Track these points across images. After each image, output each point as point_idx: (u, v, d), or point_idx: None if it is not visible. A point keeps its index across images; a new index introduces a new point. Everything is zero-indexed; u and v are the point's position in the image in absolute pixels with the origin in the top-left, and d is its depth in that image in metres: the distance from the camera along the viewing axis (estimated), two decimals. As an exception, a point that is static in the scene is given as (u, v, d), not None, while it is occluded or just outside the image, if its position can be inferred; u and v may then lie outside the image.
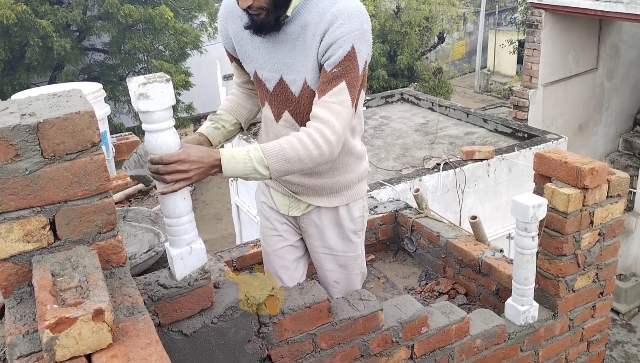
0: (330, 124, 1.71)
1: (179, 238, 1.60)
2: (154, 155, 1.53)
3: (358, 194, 2.10)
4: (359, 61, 1.72)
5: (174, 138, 1.53)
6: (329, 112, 1.71)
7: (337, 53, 1.70)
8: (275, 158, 1.66)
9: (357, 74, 1.74)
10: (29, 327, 1.19)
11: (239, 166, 1.63)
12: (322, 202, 2.05)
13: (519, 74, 17.56)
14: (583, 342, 2.61)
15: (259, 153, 1.65)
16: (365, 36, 1.72)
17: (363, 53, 1.73)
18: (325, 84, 1.72)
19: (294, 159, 1.68)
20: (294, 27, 1.77)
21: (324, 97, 1.72)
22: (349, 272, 2.21)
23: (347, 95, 1.73)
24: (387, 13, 13.43)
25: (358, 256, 2.21)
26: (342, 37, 1.69)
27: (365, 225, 2.20)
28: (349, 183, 2.05)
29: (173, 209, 1.58)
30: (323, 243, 2.14)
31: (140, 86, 1.42)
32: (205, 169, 1.60)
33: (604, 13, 7.21)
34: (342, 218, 2.09)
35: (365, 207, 2.17)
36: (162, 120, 1.48)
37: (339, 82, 1.71)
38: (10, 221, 1.23)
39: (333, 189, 2.04)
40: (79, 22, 10.11)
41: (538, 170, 2.36)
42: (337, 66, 1.70)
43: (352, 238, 2.14)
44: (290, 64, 1.82)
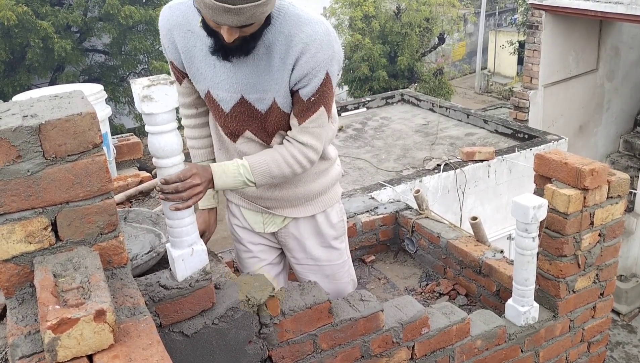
0: (314, 147, 1.80)
1: (181, 240, 1.61)
2: (169, 176, 1.56)
3: (334, 199, 2.07)
4: (333, 83, 1.75)
5: (177, 140, 1.54)
6: (310, 136, 1.78)
7: (313, 83, 1.69)
8: (262, 176, 1.76)
9: (332, 93, 1.78)
10: (30, 327, 1.19)
11: (229, 179, 1.73)
12: (298, 212, 2.01)
13: (519, 75, 17.56)
14: (583, 343, 2.61)
15: (247, 170, 1.75)
16: (336, 57, 1.71)
17: (335, 72, 1.74)
18: (304, 112, 1.75)
19: (278, 175, 1.80)
20: (257, 48, 1.68)
21: (304, 124, 1.76)
22: (338, 281, 2.17)
23: (326, 116, 1.79)
24: (387, 14, 13.43)
25: (345, 263, 2.17)
26: (315, 67, 1.66)
27: (345, 229, 2.16)
28: (323, 188, 2.02)
29: (175, 211, 1.58)
30: (306, 255, 2.09)
31: (144, 88, 1.42)
32: (207, 185, 1.68)
33: (604, 14, 7.21)
34: (321, 225, 2.05)
35: (342, 211, 2.14)
36: (165, 122, 1.49)
37: (318, 108, 1.75)
38: (12, 222, 1.23)
39: (307, 197, 2.00)
40: (80, 23, 10.12)
41: (538, 171, 2.36)
42: (314, 94, 1.71)
43: (334, 244, 2.11)
44: (253, 84, 1.74)
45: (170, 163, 1.55)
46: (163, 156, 1.54)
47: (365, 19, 12.97)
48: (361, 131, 7.29)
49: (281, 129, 1.84)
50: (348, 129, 7.34)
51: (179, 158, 1.57)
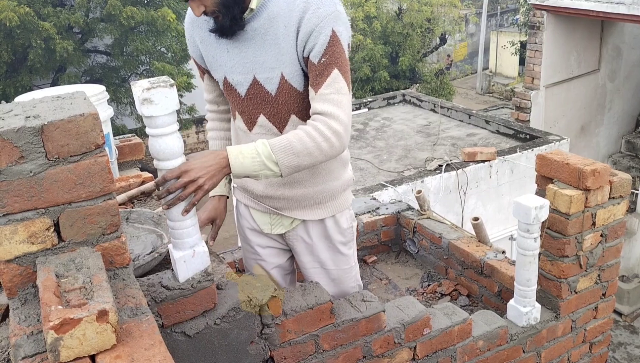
0: (335, 115, 1.65)
1: (182, 241, 1.61)
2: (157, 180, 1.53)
3: (344, 204, 2.01)
4: (343, 45, 1.66)
5: (178, 143, 1.53)
6: (329, 104, 1.65)
7: (319, 41, 1.63)
8: (284, 153, 1.61)
9: (345, 57, 1.68)
10: (33, 327, 1.19)
11: (247, 161, 1.59)
12: (307, 215, 1.97)
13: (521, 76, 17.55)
14: (585, 344, 2.61)
15: (267, 148, 1.60)
16: (341, 17, 1.66)
17: (344, 35, 1.67)
18: (318, 77, 1.66)
19: (303, 152, 1.62)
20: (261, 21, 1.69)
21: (320, 90, 1.66)
22: (344, 286, 2.13)
23: (343, 81, 1.67)
24: (388, 14, 13.44)
25: (351, 269, 2.13)
26: (320, 23, 1.62)
27: (354, 236, 2.11)
28: (333, 192, 1.96)
29: (177, 213, 1.59)
30: (313, 258, 2.06)
31: (144, 91, 1.42)
32: (214, 172, 1.57)
33: (606, 14, 7.21)
34: (329, 230, 2.00)
35: (352, 217, 2.08)
36: (166, 125, 1.48)
37: (331, 70, 1.65)
38: (15, 223, 1.23)
39: (317, 199, 1.95)
40: (82, 24, 10.12)
41: (540, 171, 2.36)
42: (324, 54, 1.64)
43: (342, 250, 2.06)
44: (262, 62, 1.73)
45: (171, 166, 1.55)
46: (164, 159, 1.54)
47: (367, 20, 12.97)
48: (363, 132, 7.29)
49: (293, 113, 1.80)
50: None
51: (179, 160, 1.56)
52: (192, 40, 1.88)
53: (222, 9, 1.64)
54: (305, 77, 1.74)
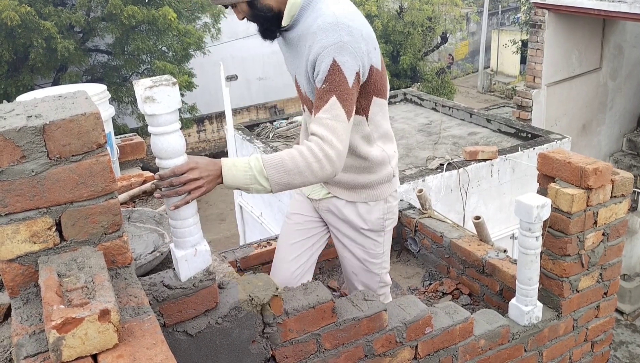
0: (327, 140, 1.72)
1: (184, 240, 1.61)
2: (164, 171, 1.54)
3: (379, 196, 2.10)
4: (345, 73, 1.74)
5: (180, 141, 1.54)
6: (324, 129, 1.73)
7: (321, 68, 1.74)
8: (275, 169, 1.66)
9: (347, 86, 1.74)
10: (35, 327, 1.19)
11: (240, 174, 1.64)
12: (340, 194, 2.10)
13: (522, 74, 17.53)
14: (587, 342, 2.61)
15: (259, 163, 1.66)
16: (347, 48, 1.73)
17: (349, 65, 1.74)
18: (318, 101, 1.76)
19: (293, 171, 1.68)
20: (293, 35, 1.89)
21: (318, 114, 1.75)
22: (367, 269, 2.21)
23: (340, 109, 1.73)
24: (389, 13, 13.43)
25: (377, 256, 2.20)
26: (321, 53, 1.74)
27: (387, 230, 2.18)
28: (367, 183, 2.07)
29: (178, 212, 1.58)
30: (339, 230, 2.17)
31: (146, 89, 1.43)
32: (212, 178, 1.62)
33: (607, 13, 7.20)
34: (358, 213, 2.10)
35: (388, 211, 2.14)
36: (168, 123, 1.49)
37: (330, 96, 1.73)
38: (17, 222, 1.24)
39: (351, 186, 2.07)
40: (83, 23, 10.13)
41: (542, 170, 2.36)
42: (324, 81, 1.74)
43: (367, 234, 2.14)
44: (297, 66, 1.93)
45: (173, 164, 1.55)
46: (166, 157, 1.54)
47: (368, 18, 12.90)
48: (364, 131, 7.28)
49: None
50: (351, 128, 7.33)
51: (181, 158, 1.56)
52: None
53: (254, 20, 1.87)
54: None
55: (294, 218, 2.25)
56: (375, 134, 2.02)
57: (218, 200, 12.75)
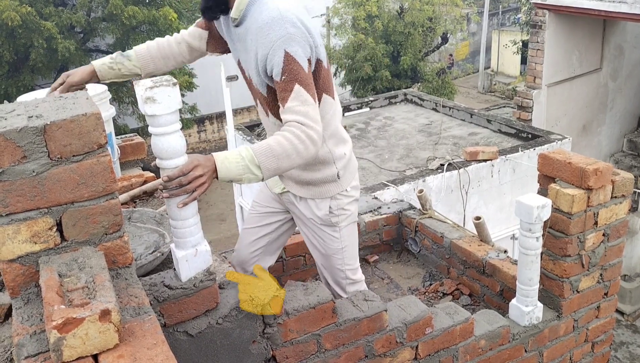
0: (305, 123, 1.79)
1: (185, 240, 1.61)
2: (171, 171, 1.55)
3: (323, 194, 2.15)
4: (299, 62, 1.80)
5: (180, 141, 1.54)
6: (296, 114, 1.79)
7: (275, 62, 1.80)
8: (265, 156, 1.71)
9: (304, 73, 1.82)
10: (36, 327, 1.19)
11: (232, 166, 1.67)
12: (292, 188, 2.17)
13: (522, 75, 17.53)
14: (587, 343, 2.61)
15: (250, 153, 1.70)
16: (294, 39, 1.79)
17: (300, 53, 1.80)
18: (283, 93, 1.81)
19: (282, 155, 1.74)
20: (242, 30, 1.92)
21: (287, 105, 1.80)
22: (331, 264, 2.26)
23: (306, 94, 1.80)
24: (390, 14, 13.42)
25: (337, 251, 2.23)
26: (272, 47, 1.79)
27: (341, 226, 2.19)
28: (310, 180, 2.12)
29: (179, 212, 1.59)
30: (300, 222, 2.26)
31: (147, 89, 1.43)
32: (211, 174, 1.64)
33: (607, 13, 7.19)
34: (309, 207, 2.17)
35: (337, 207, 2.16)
36: (168, 123, 1.49)
37: (292, 86, 1.79)
38: (18, 223, 1.24)
39: (298, 181, 2.13)
40: (83, 23, 10.14)
41: (542, 171, 2.36)
42: (282, 73, 1.79)
43: (321, 228, 2.19)
44: (247, 61, 1.97)
45: (174, 164, 1.55)
46: (166, 158, 1.54)
47: (368, 19, 12.96)
48: (364, 131, 7.29)
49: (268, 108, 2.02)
50: (351, 129, 7.34)
51: (182, 159, 1.57)
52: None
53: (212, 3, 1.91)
54: (268, 87, 1.93)
55: (255, 206, 2.37)
56: (325, 133, 2.03)
57: (218, 200, 12.75)
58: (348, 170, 2.18)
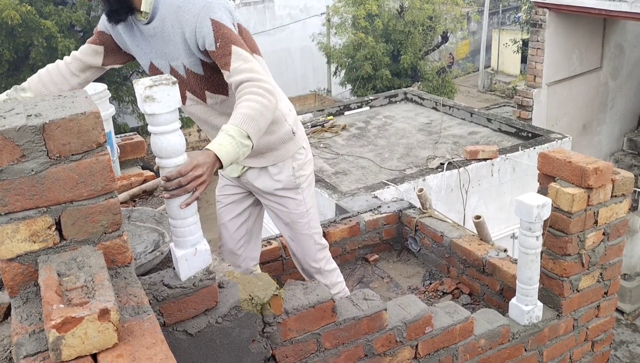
0: (256, 79, 1.82)
1: (184, 239, 1.61)
2: (170, 172, 1.55)
3: (284, 156, 2.19)
4: (228, 25, 1.85)
5: (179, 140, 1.54)
6: (244, 73, 1.82)
7: (205, 33, 1.83)
8: (247, 124, 1.74)
9: (234, 34, 1.86)
10: (35, 326, 1.19)
11: (229, 148, 1.69)
12: (251, 163, 2.19)
13: (522, 74, 17.52)
14: (587, 342, 2.61)
15: (235, 128, 1.73)
16: (214, 6, 1.84)
17: (225, 18, 1.85)
18: (223, 58, 1.84)
19: (257, 116, 1.77)
20: (156, 22, 1.93)
21: (231, 67, 1.83)
22: (298, 232, 2.30)
23: (244, 52, 1.85)
24: (390, 12, 13.42)
25: (302, 215, 2.28)
26: (197, 20, 1.83)
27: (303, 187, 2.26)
28: (268, 145, 2.14)
29: (178, 211, 1.58)
30: (264, 200, 2.30)
31: (146, 88, 1.43)
32: (211, 169, 1.65)
33: (608, 12, 7.19)
34: (271, 176, 2.20)
35: (298, 168, 2.23)
36: (168, 122, 1.49)
37: (229, 48, 1.83)
38: (17, 222, 1.23)
39: (256, 151, 2.10)
40: (83, 22, 10.14)
41: (542, 170, 2.36)
42: (216, 41, 1.83)
43: (284, 194, 2.23)
44: (168, 53, 1.98)
45: (173, 163, 1.55)
46: (166, 156, 1.54)
47: (369, 18, 12.95)
48: (364, 130, 7.28)
49: (206, 89, 2.03)
50: (351, 128, 7.34)
51: (181, 158, 1.56)
52: (112, 27, 2.07)
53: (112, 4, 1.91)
54: (203, 63, 1.95)
55: (220, 199, 2.40)
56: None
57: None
58: (299, 127, 2.26)
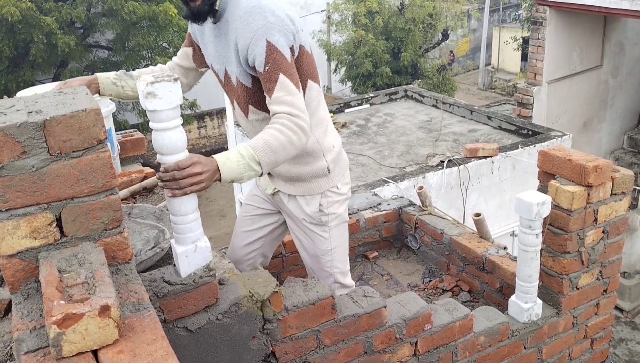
0: (294, 114, 1.80)
1: (184, 236, 1.61)
2: (168, 163, 1.55)
3: (314, 190, 2.12)
4: (282, 52, 1.81)
5: (181, 137, 1.54)
6: (285, 105, 1.80)
7: (257, 52, 1.80)
8: (264, 151, 1.73)
9: (287, 62, 1.83)
10: (36, 322, 1.20)
11: (234, 165, 1.68)
12: (282, 187, 2.15)
13: (523, 71, 17.50)
14: (587, 340, 2.61)
15: (249, 150, 1.72)
16: (275, 27, 1.80)
17: (282, 42, 1.81)
18: (268, 84, 1.82)
19: (278, 148, 1.76)
20: (222, 23, 1.92)
21: (273, 95, 1.81)
22: (319, 267, 2.23)
23: (291, 84, 1.82)
24: (391, 10, 13.39)
25: (326, 253, 2.19)
26: (253, 37, 1.80)
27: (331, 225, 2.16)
28: (300, 175, 2.10)
29: (179, 208, 1.59)
30: (291, 224, 2.24)
31: (148, 85, 1.43)
32: (211, 175, 1.64)
33: (608, 10, 7.18)
34: (299, 206, 2.15)
35: (328, 206, 2.14)
36: (169, 119, 1.49)
37: (277, 76, 1.80)
38: (17, 218, 1.24)
39: (288, 177, 2.11)
40: (83, 19, 10.12)
41: (542, 167, 2.36)
42: (266, 63, 1.80)
43: (310, 227, 2.16)
44: (227, 57, 1.96)
45: (174, 160, 1.55)
46: (167, 153, 1.54)
47: (369, 15, 12.93)
48: (364, 128, 7.28)
49: (250, 103, 2.00)
50: (351, 125, 7.34)
51: (182, 154, 1.56)
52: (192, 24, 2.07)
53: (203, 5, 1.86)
54: (252, 76, 1.93)
55: (247, 208, 2.36)
56: (311, 121, 2.00)
57: (218, 196, 12.75)
58: (338, 165, 2.16)
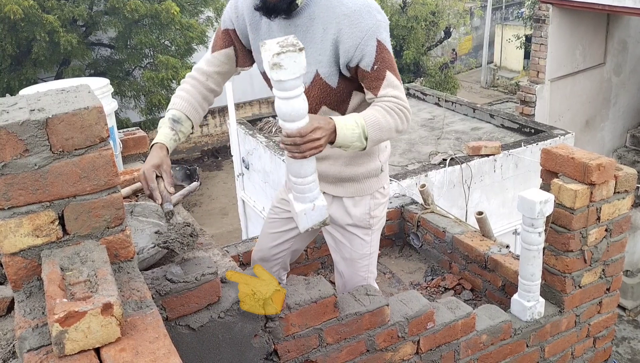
0: (402, 99, 1.82)
1: (304, 196, 1.71)
2: (290, 129, 1.59)
3: (365, 191, 2.06)
4: (389, 49, 1.82)
5: (303, 105, 1.58)
6: (395, 92, 1.81)
7: (367, 52, 1.77)
8: (373, 128, 1.74)
9: (392, 58, 1.84)
10: (38, 320, 1.20)
11: (349, 132, 1.70)
12: (326, 189, 2.06)
13: (525, 69, 17.47)
14: (589, 338, 2.61)
15: (363, 122, 1.72)
16: (382, 26, 1.79)
17: (387, 39, 1.81)
18: (375, 82, 1.81)
19: (385, 128, 1.77)
20: (302, 19, 1.82)
21: (380, 92, 1.81)
22: (354, 271, 2.17)
23: (396, 80, 1.83)
24: (393, 8, 13.39)
25: (364, 257, 2.15)
26: (364, 37, 1.76)
27: (374, 229, 2.15)
28: (353, 176, 2.04)
29: (299, 170, 1.67)
30: (328, 228, 2.16)
31: (274, 56, 1.47)
32: (328, 138, 1.67)
33: (611, 8, 7.16)
34: (345, 208, 2.08)
35: (375, 207, 2.10)
36: (293, 88, 1.53)
37: (384, 73, 1.80)
38: (20, 216, 1.24)
39: (337, 178, 2.05)
40: (86, 17, 10.12)
41: (545, 166, 2.35)
42: (375, 62, 1.78)
43: (353, 231, 2.11)
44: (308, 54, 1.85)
45: (297, 127, 1.60)
46: (290, 120, 1.60)
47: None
48: (367, 126, 7.27)
49: (325, 104, 1.93)
50: (353, 123, 7.32)
51: (304, 121, 1.61)
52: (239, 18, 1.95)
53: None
54: (340, 75, 1.86)
55: (276, 210, 2.30)
56: None
57: (220, 195, 12.76)
58: (387, 165, 2.15)
